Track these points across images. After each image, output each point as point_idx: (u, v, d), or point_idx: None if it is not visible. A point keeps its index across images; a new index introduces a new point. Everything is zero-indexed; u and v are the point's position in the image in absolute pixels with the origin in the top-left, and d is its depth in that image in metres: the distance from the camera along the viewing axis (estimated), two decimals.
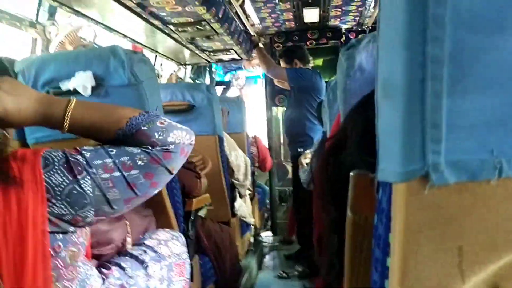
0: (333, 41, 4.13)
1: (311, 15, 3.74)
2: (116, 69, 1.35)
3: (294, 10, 3.62)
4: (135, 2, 1.99)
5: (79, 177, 0.80)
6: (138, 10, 2.12)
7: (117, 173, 0.83)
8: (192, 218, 1.76)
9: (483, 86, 0.33)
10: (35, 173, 0.76)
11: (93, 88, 1.33)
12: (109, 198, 0.83)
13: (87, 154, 0.83)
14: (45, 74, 1.36)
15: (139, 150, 0.86)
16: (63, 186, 0.78)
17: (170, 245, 1.32)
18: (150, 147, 0.86)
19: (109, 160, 0.83)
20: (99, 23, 2.26)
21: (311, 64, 3.81)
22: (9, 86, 0.83)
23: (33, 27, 2.01)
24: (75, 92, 1.31)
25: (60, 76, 1.34)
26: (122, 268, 1.14)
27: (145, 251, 1.26)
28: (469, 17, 0.31)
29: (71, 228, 0.82)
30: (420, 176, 0.36)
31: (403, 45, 0.33)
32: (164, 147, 0.87)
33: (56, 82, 1.34)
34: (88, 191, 0.80)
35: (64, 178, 0.79)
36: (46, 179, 0.77)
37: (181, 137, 0.90)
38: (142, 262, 1.20)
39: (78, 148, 0.84)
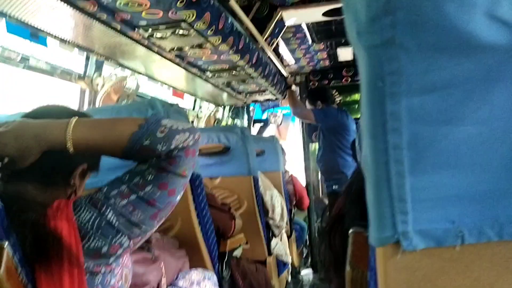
0: None
1: (345, 54, 3.84)
2: None
3: (328, 49, 3.72)
4: (174, 54, 2.14)
5: (102, 210, 0.85)
6: (177, 60, 2.27)
7: (133, 196, 0.87)
8: (226, 258, 1.82)
9: (438, 167, 0.38)
10: (68, 215, 0.83)
11: None
12: (135, 220, 0.87)
13: (104, 189, 0.88)
14: None
15: (147, 165, 0.89)
16: (92, 221, 0.84)
17: (203, 285, 1.38)
18: (155, 159, 0.88)
19: (123, 187, 0.88)
20: (142, 73, 2.43)
21: (348, 99, 3.90)
22: (11, 133, 0.83)
23: (82, 80, 2.19)
24: None
25: None
26: None
27: None
28: (420, 112, 0.37)
29: (111, 259, 0.87)
30: (393, 242, 0.41)
31: (369, 134, 0.39)
32: (169, 156, 0.88)
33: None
34: (113, 221, 0.85)
35: (91, 213, 0.85)
36: (77, 218, 0.84)
37: (184, 140, 0.90)
38: None
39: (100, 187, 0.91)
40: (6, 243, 0.68)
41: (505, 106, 0.37)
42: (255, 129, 4.93)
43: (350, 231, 0.58)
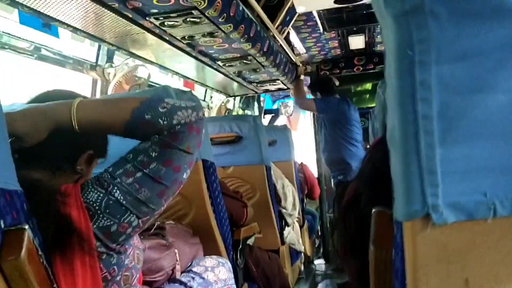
0: (380, 66, 4.14)
1: (356, 42, 3.79)
2: None
3: (339, 38, 3.68)
4: (185, 42, 2.13)
5: (109, 189, 0.85)
6: (188, 49, 2.26)
7: (139, 174, 0.86)
8: (240, 246, 1.82)
9: (469, 138, 0.37)
10: (76, 199, 0.83)
11: None
12: (142, 198, 0.86)
13: (110, 169, 0.88)
14: None
15: (149, 143, 0.88)
16: (99, 200, 0.84)
17: (217, 271, 1.38)
18: (157, 136, 0.87)
19: (128, 165, 0.87)
20: (153, 63, 2.43)
21: (359, 88, 3.90)
22: (19, 113, 0.85)
23: (94, 70, 2.20)
24: None
25: None
26: None
27: (193, 278, 1.33)
28: (451, 81, 0.36)
29: (122, 238, 0.87)
30: (423, 216, 0.40)
31: (397, 105, 0.38)
32: (172, 131, 0.87)
33: None
34: (121, 199, 0.85)
35: (98, 193, 0.84)
36: (84, 199, 0.84)
37: (186, 116, 0.89)
38: None
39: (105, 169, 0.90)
40: (27, 226, 0.68)
41: None
42: (266, 120, 4.92)
43: (373, 210, 0.57)
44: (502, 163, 0.38)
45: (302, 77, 3.81)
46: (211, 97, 3.72)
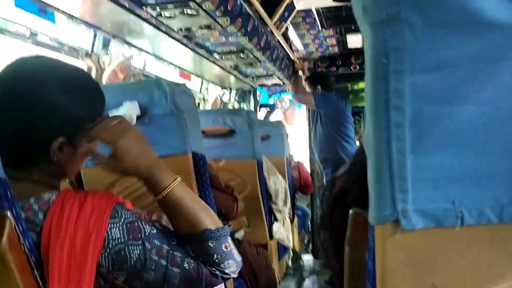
0: None
1: (354, 41, 3.80)
2: (159, 99, 1.46)
3: (337, 36, 3.69)
4: (181, 34, 2.13)
5: (133, 241, 0.82)
6: (185, 41, 2.26)
7: (164, 262, 0.85)
8: None
9: (440, 147, 0.38)
10: (103, 219, 0.81)
11: (138, 117, 1.44)
12: (144, 276, 0.84)
13: (154, 230, 0.86)
14: None
15: (194, 256, 0.88)
16: (116, 242, 0.82)
17: None
18: (203, 261, 0.88)
19: (165, 247, 0.86)
20: (149, 53, 2.42)
21: (356, 87, 3.91)
22: (124, 146, 0.86)
23: (89, 57, 2.19)
24: None
25: (109, 105, 1.46)
26: None
27: None
28: (424, 91, 0.37)
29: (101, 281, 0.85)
30: (393, 221, 0.41)
31: (372, 111, 0.39)
32: (212, 271, 0.89)
33: (106, 111, 1.47)
34: (132, 259, 0.82)
35: (121, 236, 0.82)
36: (108, 229, 0.81)
37: (231, 268, 0.91)
38: None
39: (153, 219, 0.89)
40: (9, 213, 0.68)
41: (509, 87, 0.36)
42: (261, 114, 4.92)
43: (350, 211, 0.58)
44: (470, 173, 0.39)
45: (300, 72, 3.82)
46: (207, 89, 3.72)
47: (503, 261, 0.42)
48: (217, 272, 0.90)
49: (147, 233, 0.84)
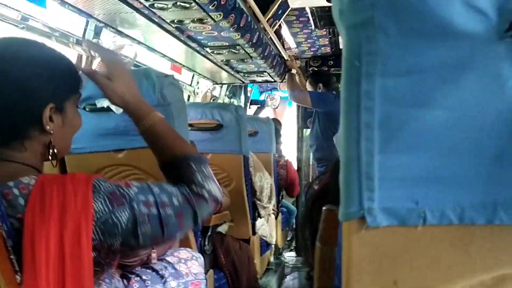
0: None
1: None
2: (147, 90, 1.46)
3: (330, 36, 3.70)
4: (174, 26, 2.13)
5: (118, 208, 0.85)
6: (177, 33, 2.25)
7: (154, 211, 0.89)
8: (209, 233, 1.84)
9: (407, 148, 0.40)
10: (88, 197, 0.83)
11: None
12: (141, 231, 0.87)
13: (135, 189, 0.89)
14: (83, 92, 1.48)
15: (177, 190, 0.94)
16: (101, 214, 0.84)
17: (189, 264, 1.39)
18: (187, 187, 0.94)
19: (151, 197, 0.90)
20: (141, 43, 2.41)
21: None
22: (119, 71, 1.00)
23: (79, 45, 2.18)
24: (108, 109, 1.43)
25: (97, 94, 1.46)
26: (143, 280, 1.21)
27: (165, 267, 1.34)
28: (394, 94, 0.38)
29: (94, 253, 0.86)
30: (359, 218, 0.43)
31: (344, 112, 0.40)
32: (199, 192, 0.95)
33: (93, 100, 1.47)
34: (123, 223, 0.85)
35: (104, 207, 0.84)
36: (93, 204, 0.83)
37: (215, 190, 0.98)
38: (162, 276, 1.28)
39: (128, 182, 0.91)
40: None
41: (475, 94, 0.38)
42: (251, 110, 4.93)
43: (323, 208, 0.59)
44: (434, 174, 0.40)
45: (293, 70, 3.82)
46: (198, 82, 3.71)
47: (462, 261, 0.44)
48: (205, 194, 0.96)
49: (131, 195, 0.88)
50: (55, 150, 0.93)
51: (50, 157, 0.93)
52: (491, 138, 0.40)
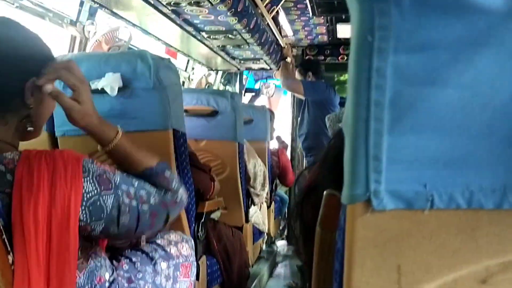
0: None
1: (344, 30, 3.80)
2: (143, 72, 1.44)
3: (327, 24, 3.68)
4: (170, 8, 2.10)
5: (105, 191, 0.88)
6: (173, 16, 2.22)
7: (134, 203, 0.93)
8: (203, 219, 1.83)
9: (417, 129, 0.38)
10: (78, 176, 0.84)
11: (119, 89, 1.42)
12: (120, 221, 0.91)
13: (119, 176, 0.93)
14: None
15: (155, 190, 0.99)
16: (91, 195, 0.86)
17: (180, 246, 1.38)
18: (163, 192, 1.01)
19: (132, 189, 0.94)
20: (136, 26, 2.38)
21: (342, 77, 3.91)
22: (86, 93, 0.97)
23: (73, 26, 2.14)
24: (103, 91, 1.41)
25: (91, 75, 1.44)
26: (133, 263, 1.21)
27: (155, 249, 1.33)
28: (406, 71, 0.37)
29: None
30: (364, 201, 0.41)
31: (353, 89, 0.39)
32: (175, 197, 1.04)
33: (87, 81, 1.44)
34: (108, 207, 0.88)
35: (93, 188, 0.86)
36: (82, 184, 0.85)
37: (184, 196, 1.07)
38: (151, 259, 1.27)
39: (112, 168, 0.93)
40: None
41: (490, 72, 0.36)
42: (246, 98, 4.91)
43: (325, 193, 0.58)
44: (445, 156, 0.39)
45: (288, 59, 3.80)
46: (193, 68, 3.68)
47: (468, 247, 0.42)
48: (179, 198, 1.04)
49: (116, 182, 0.91)
50: (31, 127, 0.92)
51: (27, 132, 0.93)
52: (504, 120, 0.38)
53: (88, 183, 0.86)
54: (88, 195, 0.85)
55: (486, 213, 0.42)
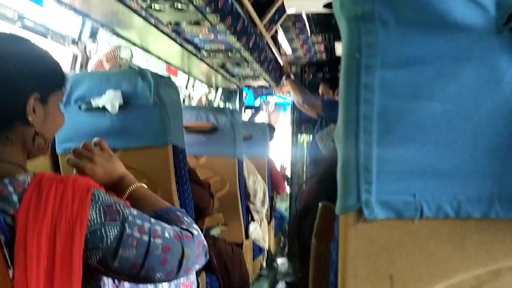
0: None
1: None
2: (143, 90, 1.46)
3: (325, 42, 3.73)
4: (170, 28, 2.13)
5: (110, 222, 0.86)
6: (174, 35, 2.26)
7: (146, 238, 0.88)
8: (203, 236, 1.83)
9: (405, 141, 0.40)
10: (86, 206, 0.84)
11: (120, 106, 1.44)
12: (121, 254, 0.86)
13: (134, 212, 0.91)
14: (78, 90, 1.48)
15: (170, 227, 0.94)
16: (93, 223, 0.84)
17: None
18: (177, 227, 0.95)
19: (147, 225, 0.90)
20: (137, 45, 2.42)
21: None
22: (107, 155, 1.08)
23: (75, 45, 2.18)
24: (104, 109, 1.43)
25: (92, 93, 1.46)
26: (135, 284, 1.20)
27: None
28: (392, 86, 0.38)
29: None
30: (356, 211, 0.43)
31: (343, 104, 0.40)
32: (188, 229, 0.96)
33: (88, 98, 1.47)
34: (110, 238, 0.85)
35: (97, 217, 0.85)
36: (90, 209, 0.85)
37: (200, 233, 1.02)
38: None
39: (129, 204, 0.93)
40: None
41: (472, 87, 0.38)
42: (246, 115, 4.94)
43: (320, 205, 0.59)
44: (432, 167, 0.41)
45: (291, 76, 3.81)
46: (193, 86, 3.71)
47: (458, 255, 0.44)
48: (194, 232, 0.97)
49: (126, 215, 0.88)
50: (38, 145, 0.91)
51: (35, 150, 0.92)
52: (487, 132, 0.40)
53: (93, 211, 0.85)
54: (90, 223, 0.84)
55: (474, 222, 0.43)
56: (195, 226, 1.01)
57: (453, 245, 0.44)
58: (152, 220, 0.92)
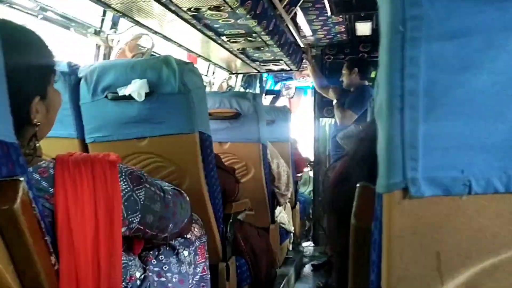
0: None
1: (363, 28, 3.77)
2: (168, 78, 1.47)
3: (346, 23, 3.66)
4: (190, 14, 2.12)
5: (138, 187, 0.97)
6: (194, 21, 2.25)
7: (162, 194, 1.06)
8: (231, 220, 1.85)
9: (452, 116, 0.39)
10: (116, 179, 0.91)
11: (146, 94, 1.45)
12: (153, 209, 1.01)
13: (146, 174, 1.04)
14: (105, 80, 1.50)
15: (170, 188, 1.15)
16: (124, 192, 0.93)
17: (193, 229, 1.38)
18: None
19: (159, 184, 1.08)
20: (157, 33, 2.42)
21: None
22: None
23: (97, 35, 2.19)
24: (130, 97, 1.44)
25: (118, 82, 1.47)
26: (158, 256, 1.22)
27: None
28: (439, 59, 0.37)
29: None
30: (401, 189, 0.42)
31: (386, 80, 0.39)
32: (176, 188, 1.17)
33: (114, 88, 1.48)
34: (141, 199, 0.97)
35: (126, 185, 0.94)
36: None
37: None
38: (173, 248, 1.28)
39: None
40: (22, 178, 0.70)
41: None
42: (267, 100, 4.92)
43: (358, 185, 0.59)
44: (480, 142, 0.40)
45: (311, 59, 3.77)
46: (214, 72, 3.71)
47: (508, 231, 0.43)
48: (179, 190, 1.19)
49: (145, 177, 1.01)
50: (37, 143, 0.91)
51: (32, 150, 0.90)
52: None
53: (122, 182, 0.93)
54: (123, 193, 0.92)
55: None
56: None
57: (503, 220, 0.43)
58: (158, 180, 1.09)
